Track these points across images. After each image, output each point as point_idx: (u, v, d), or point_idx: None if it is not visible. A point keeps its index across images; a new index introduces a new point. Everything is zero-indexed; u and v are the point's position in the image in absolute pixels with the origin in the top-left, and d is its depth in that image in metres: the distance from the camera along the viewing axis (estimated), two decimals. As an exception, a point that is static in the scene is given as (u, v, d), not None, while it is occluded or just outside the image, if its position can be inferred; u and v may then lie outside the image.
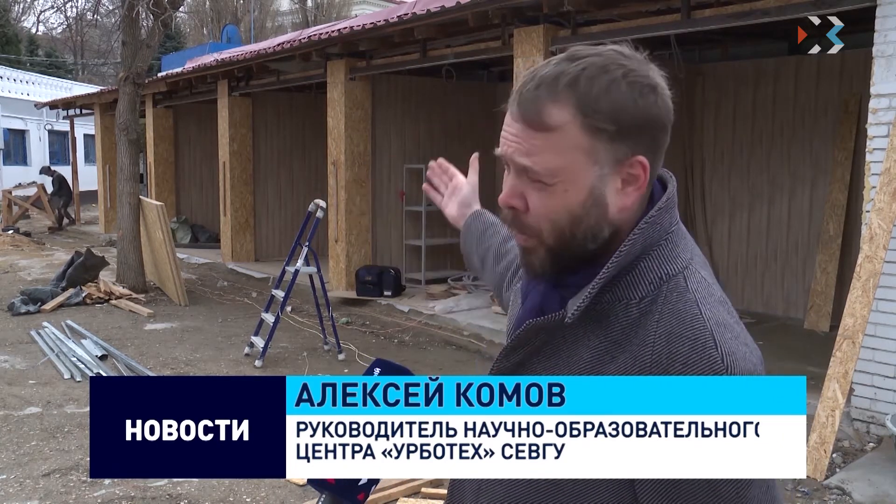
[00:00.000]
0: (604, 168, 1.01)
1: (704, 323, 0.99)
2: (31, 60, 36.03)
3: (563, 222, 1.03)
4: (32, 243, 15.64)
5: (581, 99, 0.99)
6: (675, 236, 1.06)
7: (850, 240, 7.37)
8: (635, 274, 1.03)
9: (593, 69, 1.00)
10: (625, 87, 0.99)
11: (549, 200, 1.03)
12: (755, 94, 8.41)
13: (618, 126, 0.99)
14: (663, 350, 0.98)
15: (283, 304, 6.94)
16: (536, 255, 1.07)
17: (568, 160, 1.00)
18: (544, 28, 6.97)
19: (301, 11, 34.74)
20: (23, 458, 4.71)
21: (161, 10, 9.83)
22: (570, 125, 0.99)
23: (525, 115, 1.01)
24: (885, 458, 4.55)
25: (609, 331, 1.03)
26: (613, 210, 1.04)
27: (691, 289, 1.03)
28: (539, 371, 1.09)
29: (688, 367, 0.96)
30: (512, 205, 1.05)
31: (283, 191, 13.05)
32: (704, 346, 0.97)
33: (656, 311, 1.01)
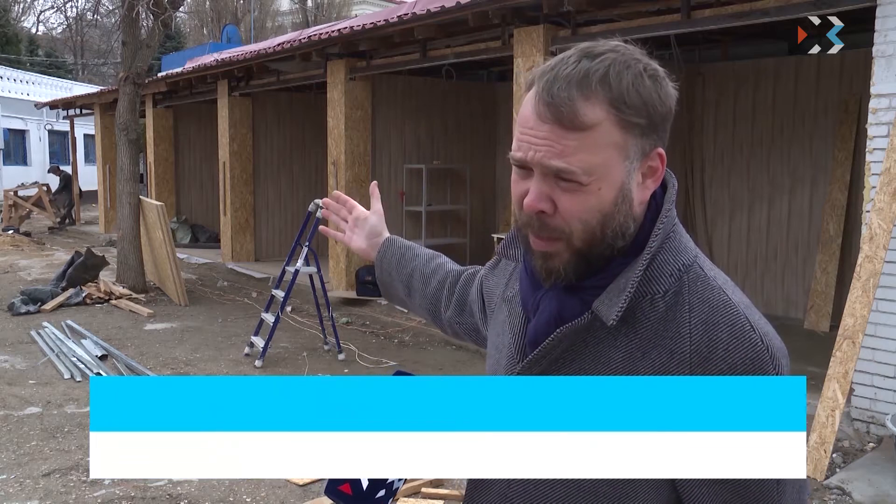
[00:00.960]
0: (633, 162, 1.02)
1: (736, 308, 1.01)
2: (31, 60, 36.03)
3: (594, 222, 1.01)
4: (32, 243, 15.64)
5: (614, 95, 0.98)
6: (679, 229, 1.07)
7: (850, 240, 7.37)
8: (654, 268, 1.03)
9: (618, 65, 0.99)
10: (648, 81, 1.00)
11: (582, 200, 1.01)
12: (755, 94, 8.41)
13: (648, 119, 1.00)
14: (702, 339, 0.99)
15: (283, 304, 6.94)
16: (560, 258, 1.04)
17: (604, 157, 0.99)
18: (544, 28, 6.97)
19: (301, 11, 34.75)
20: (23, 458, 4.71)
21: (161, 10, 9.83)
22: (605, 122, 0.98)
23: (558, 116, 0.98)
24: (885, 458, 4.55)
25: (637, 328, 1.02)
26: (636, 205, 1.04)
27: (710, 276, 1.04)
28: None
29: (730, 353, 0.97)
30: (541, 209, 1.02)
31: (283, 191, 13.06)
32: (742, 329, 0.99)
33: (685, 301, 1.01)
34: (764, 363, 0.98)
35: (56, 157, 28.35)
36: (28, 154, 27.85)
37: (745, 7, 5.85)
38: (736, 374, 0.97)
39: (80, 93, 21.21)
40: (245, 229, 12.56)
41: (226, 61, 11.61)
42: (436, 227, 10.43)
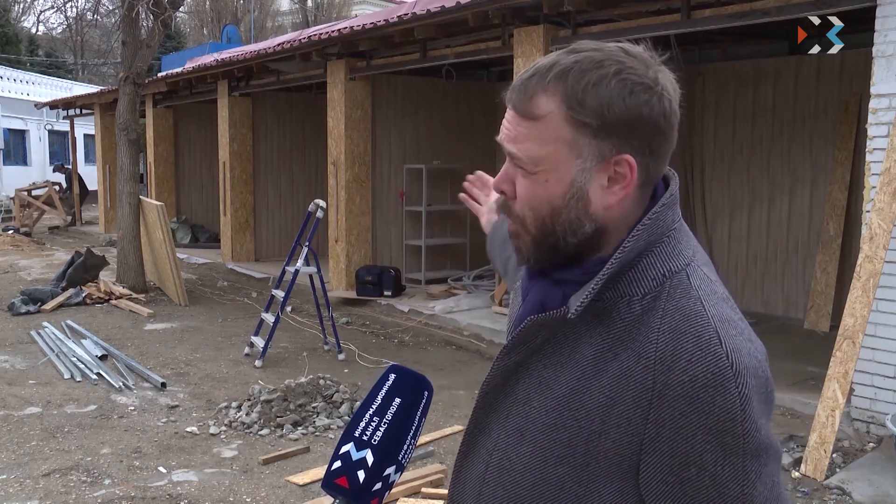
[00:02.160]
0: (587, 162, 1.02)
1: (708, 320, 0.99)
2: (31, 60, 36.03)
3: (543, 212, 1.04)
4: (32, 243, 15.64)
5: (567, 91, 1.00)
6: (678, 234, 1.06)
7: (850, 240, 7.36)
8: (638, 270, 1.03)
9: (587, 63, 1.00)
10: (614, 84, 0.99)
11: (532, 189, 1.05)
12: (755, 94, 8.41)
13: (601, 122, 0.99)
14: (668, 346, 0.98)
15: (283, 304, 6.93)
16: (523, 240, 1.09)
17: (550, 150, 1.02)
18: (544, 28, 6.97)
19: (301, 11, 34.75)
20: (23, 458, 4.71)
21: (161, 10, 9.83)
22: (554, 115, 1.01)
23: (515, 103, 1.04)
24: (885, 458, 4.55)
25: (611, 328, 1.02)
26: (597, 207, 1.03)
27: (694, 286, 1.03)
28: (540, 369, 1.08)
29: (692, 364, 0.96)
30: (501, 189, 1.08)
31: (283, 191, 13.06)
32: (709, 342, 0.97)
33: (660, 307, 1.01)
34: (726, 379, 0.95)
35: (56, 157, 28.33)
36: (28, 154, 27.83)
37: (745, 7, 5.85)
38: (696, 387, 0.95)
39: (80, 93, 21.21)
40: (245, 229, 12.56)
41: (226, 61, 11.61)
42: (436, 227, 10.43)
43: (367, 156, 9.88)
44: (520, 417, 1.09)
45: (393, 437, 1.08)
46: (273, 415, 5.27)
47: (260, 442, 4.99)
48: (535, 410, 1.07)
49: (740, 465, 0.96)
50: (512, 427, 1.10)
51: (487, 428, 1.15)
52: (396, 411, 1.10)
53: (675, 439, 0.97)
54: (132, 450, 4.84)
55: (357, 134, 9.74)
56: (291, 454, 4.75)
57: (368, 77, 9.72)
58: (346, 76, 9.54)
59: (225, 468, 4.58)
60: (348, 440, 1.09)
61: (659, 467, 0.99)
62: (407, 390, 1.12)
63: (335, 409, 5.41)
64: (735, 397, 0.95)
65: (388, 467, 1.08)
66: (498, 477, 1.11)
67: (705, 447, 0.96)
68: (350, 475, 1.06)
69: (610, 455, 1.01)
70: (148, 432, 5.15)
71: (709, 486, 0.97)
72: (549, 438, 1.05)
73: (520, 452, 1.08)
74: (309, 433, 5.10)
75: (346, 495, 1.07)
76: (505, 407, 1.12)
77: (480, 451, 1.15)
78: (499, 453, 1.12)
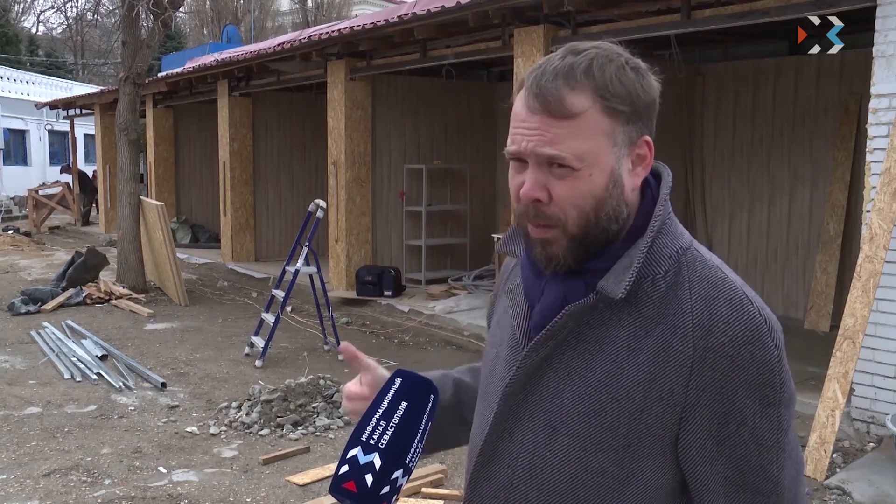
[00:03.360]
0: (621, 149, 1.07)
1: (734, 284, 1.07)
2: (31, 60, 36.02)
3: (587, 207, 1.06)
4: (32, 243, 15.64)
5: (598, 84, 1.04)
6: (674, 217, 1.13)
7: (850, 240, 7.36)
8: (654, 251, 1.08)
9: (601, 58, 1.06)
10: (630, 72, 1.06)
11: (574, 186, 1.06)
12: (755, 94, 8.41)
13: (632, 107, 1.06)
14: (703, 313, 1.04)
15: (284, 304, 6.94)
16: (558, 245, 1.09)
17: (593, 143, 1.05)
18: (544, 28, 6.97)
19: (301, 11, 34.74)
20: (23, 458, 4.71)
21: (161, 10, 9.83)
22: (591, 109, 1.04)
23: (546, 106, 1.05)
24: (885, 458, 4.55)
25: (640, 307, 1.07)
26: (628, 190, 1.09)
27: (707, 257, 1.10)
28: (566, 361, 1.10)
29: (730, 325, 1.03)
30: (537, 197, 1.07)
31: (283, 191, 13.06)
32: (742, 303, 1.05)
33: (685, 280, 1.07)
34: (763, 335, 1.03)
35: (56, 156, 28.34)
36: (28, 154, 27.83)
37: (745, 7, 5.84)
38: (736, 345, 1.02)
39: (80, 93, 21.21)
40: (245, 229, 12.56)
41: (226, 61, 11.61)
42: (436, 227, 10.42)
43: (367, 156, 9.88)
44: (549, 412, 1.10)
45: (400, 440, 1.08)
46: (273, 415, 5.27)
47: (260, 442, 4.99)
48: (569, 401, 1.09)
49: (776, 414, 1.04)
50: (540, 424, 1.11)
51: (508, 431, 1.14)
52: (403, 415, 1.10)
53: (715, 400, 1.03)
54: (132, 450, 4.84)
55: (357, 134, 9.74)
56: (291, 454, 4.75)
57: (368, 77, 9.72)
58: (346, 76, 9.54)
59: (225, 468, 4.58)
60: (355, 444, 1.09)
61: (698, 432, 1.04)
62: (413, 394, 1.12)
63: (335, 409, 5.41)
64: (773, 350, 1.03)
65: (395, 471, 1.08)
66: (530, 478, 1.11)
67: (745, 402, 1.02)
68: (358, 479, 1.07)
69: (653, 430, 1.05)
70: (148, 432, 5.15)
71: (747, 440, 1.03)
72: (588, 426, 1.07)
73: (554, 448, 1.09)
74: (309, 433, 5.10)
75: (354, 499, 1.07)
76: (528, 407, 1.12)
77: (503, 456, 1.14)
78: (526, 454, 1.12)
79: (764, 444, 1.03)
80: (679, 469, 1.07)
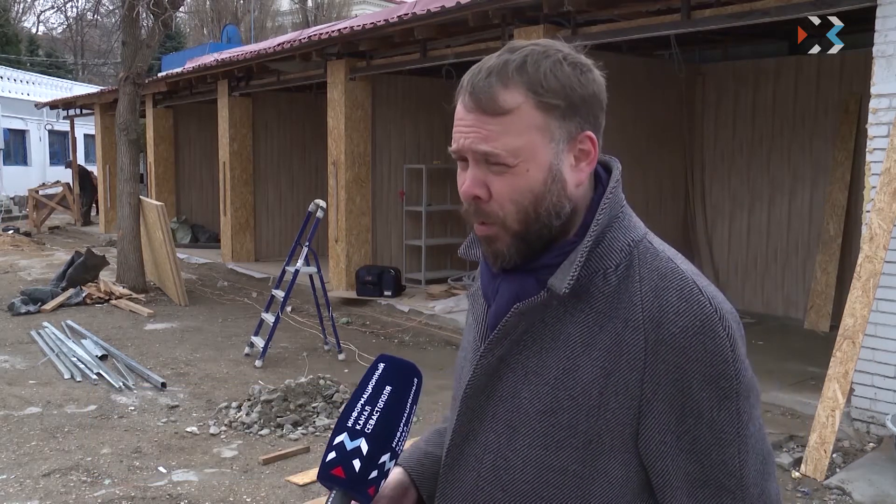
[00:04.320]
0: (559, 144, 1.06)
1: (684, 275, 1.06)
2: (31, 60, 36.02)
3: (526, 202, 1.06)
4: (32, 243, 15.64)
5: (531, 80, 1.04)
6: (627, 210, 1.12)
7: (850, 240, 7.36)
8: (605, 245, 1.07)
9: (535, 55, 1.06)
10: (567, 67, 1.05)
11: (512, 182, 1.06)
12: (755, 94, 8.41)
13: (568, 102, 1.05)
14: (653, 305, 1.03)
15: (283, 304, 6.93)
16: (501, 241, 1.09)
17: (526, 139, 1.05)
18: (544, 28, 6.97)
19: (301, 11, 34.73)
20: (23, 458, 4.71)
21: (161, 10, 9.83)
22: (524, 105, 1.04)
23: (479, 103, 1.06)
24: (885, 458, 4.55)
25: (592, 302, 1.06)
26: (571, 186, 1.08)
27: (659, 249, 1.09)
28: (523, 361, 1.09)
29: (680, 315, 1.02)
30: (475, 194, 1.08)
31: (283, 191, 13.05)
32: (691, 293, 1.04)
33: (635, 273, 1.06)
34: (713, 324, 1.02)
35: (56, 157, 28.34)
36: (28, 154, 27.83)
37: (745, 7, 5.85)
38: (687, 336, 1.01)
39: (80, 93, 21.22)
40: (245, 229, 12.56)
41: (226, 61, 11.61)
42: (436, 227, 10.42)
43: (367, 156, 9.88)
44: (509, 413, 1.10)
45: (386, 424, 1.08)
46: (273, 415, 5.27)
47: (260, 442, 4.99)
48: (527, 401, 1.08)
49: (734, 406, 1.02)
50: (502, 425, 1.10)
51: (472, 434, 1.14)
52: (388, 399, 1.10)
53: (671, 394, 1.02)
54: (132, 450, 4.84)
55: (357, 134, 9.74)
56: (291, 454, 4.75)
57: (368, 77, 9.72)
58: (346, 76, 9.54)
59: (225, 468, 4.58)
60: (341, 431, 1.09)
61: (656, 427, 1.03)
62: (397, 378, 1.13)
63: (335, 409, 5.41)
64: (724, 340, 1.02)
65: (382, 455, 1.08)
66: (494, 479, 1.11)
67: (701, 394, 1.01)
68: (345, 465, 1.07)
69: (612, 426, 1.04)
70: (148, 432, 5.15)
71: (706, 434, 1.02)
72: (547, 424, 1.07)
73: (515, 447, 1.09)
74: (309, 433, 5.10)
75: (342, 485, 1.07)
76: (489, 408, 1.12)
77: (468, 459, 1.15)
78: (490, 455, 1.12)
79: (724, 437, 1.02)
80: (643, 465, 1.06)
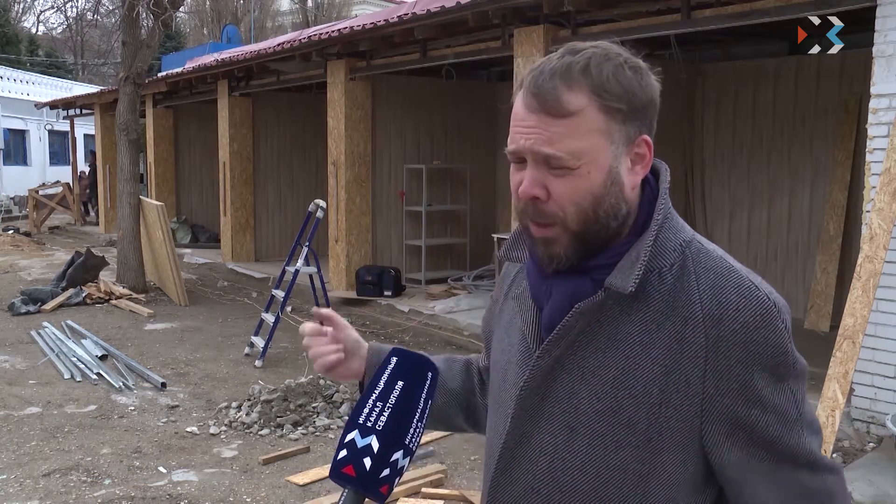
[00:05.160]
0: (619, 147, 1.07)
1: (739, 272, 1.08)
2: (31, 60, 36.01)
3: (586, 204, 1.07)
4: (32, 243, 15.64)
5: (595, 83, 1.05)
6: (674, 212, 1.14)
7: (850, 240, 7.36)
8: (658, 245, 1.09)
9: (598, 57, 1.07)
10: (629, 71, 1.06)
11: (573, 184, 1.07)
12: (755, 94, 8.41)
13: (629, 106, 1.06)
14: (712, 302, 1.05)
15: (284, 304, 6.93)
16: (559, 243, 1.09)
17: (589, 142, 1.06)
18: (544, 28, 6.97)
19: (301, 11, 34.73)
20: (23, 458, 4.71)
21: (161, 10, 9.83)
22: (588, 108, 1.05)
23: (544, 105, 1.06)
24: (885, 458, 4.55)
25: (649, 302, 1.07)
26: (627, 188, 1.09)
27: (710, 248, 1.11)
28: (579, 361, 1.10)
29: (740, 312, 1.04)
30: (535, 195, 1.08)
31: (283, 191, 13.05)
32: (749, 290, 1.06)
33: (691, 272, 1.08)
34: (773, 317, 1.05)
35: (56, 157, 28.33)
36: (28, 154, 27.81)
37: (745, 7, 5.84)
38: (748, 331, 1.03)
39: (80, 93, 21.20)
40: (245, 229, 12.56)
41: (226, 61, 11.61)
42: (436, 227, 10.42)
43: (367, 156, 9.87)
44: (566, 413, 1.10)
45: (398, 421, 1.07)
46: (273, 415, 5.27)
47: (260, 442, 4.98)
48: (585, 401, 1.09)
49: (790, 389, 1.06)
50: (558, 426, 1.11)
51: (526, 436, 1.14)
52: (400, 395, 1.08)
53: (734, 388, 1.04)
54: (132, 450, 4.84)
55: (357, 134, 9.74)
56: (291, 454, 4.75)
57: (368, 77, 9.72)
58: (346, 76, 9.54)
59: (225, 468, 4.58)
60: (353, 428, 1.07)
61: (723, 422, 1.05)
62: (409, 373, 1.11)
63: (335, 409, 5.41)
64: (783, 331, 1.06)
65: (395, 452, 1.06)
66: (551, 481, 1.11)
67: (763, 385, 1.04)
68: (356, 463, 1.05)
69: (672, 424, 1.05)
70: (148, 432, 5.15)
71: (772, 420, 1.05)
72: (606, 424, 1.07)
73: (574, 449, 1.09)
74: (309, 433, 5.10)
75: (354, 484, 1.05)
76: (544, 409, 1.12)
77: (522, 461, 1.14)
78: (546, 458, 1.11)
79: (788, 419, 1.05)
80: (701, 461, 1.08)
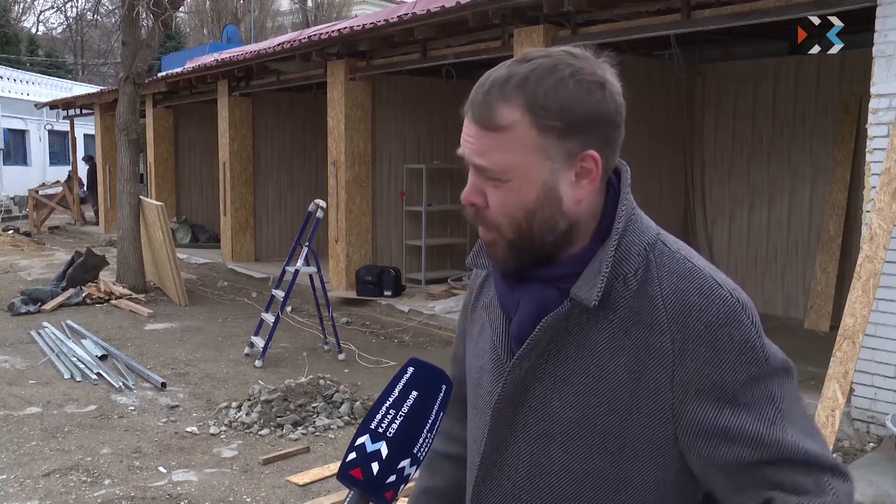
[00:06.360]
0: (556, 163, 1.05)
1: (702, 271, 1.07)
2: (31, 60, 36.01)
3: (519, 216, 1.07)
4: (32, 243, 15.64)
5: (529, 99, 1.03)
6: (638, 211, 1.13)
7: (850, 240, 7.36)
8: (622, 250, 1.08)
9: (541, 70, 1.04)
10: (572, 86, 1.03)
11: (504, 196, 1.07)
12: (755, 94, 8.41)
13: (566, 122, 1.03)
14: (675, 306, 1.04)
15: (283, 304, 6.93)
16: (499, 247, 1.11)
17: (519, 158, 1.05)
18: (544, 28, 6.97)
19: (301, 11, 34.74)
20: (23, 458, 4.71)
21: (161, 10, 9.83)
22: (519, 124, 1.04)
23: (478, 117, 1.05)
24: (885, 458, 4.55)
25: (615, 308, 1.07)
26: (569, 203, 1.07)
27: (674, 249, 1.10)
28: (550, 370, 1.10)
29: (703, 312, 1.03)
30: (472, 201, 1.10)
31: (283, 191, 13.05)
32: (711, 289, 1.05)
33: (654, 276, 1.06)
34: (736, 314, 1.03)
35: (56, 157, 28.33)
36: (28, 154, 27.82)
37: (745, 7, 5.84)
38: (712, 331, 1.01)
39: (80, 93, 21.20)
40: (245, 229, 12.56)
41: (226, 61, 11.61)
42: (436, 227, 10.42)
43: (367, 156, 9.88)
44: (541, 422, 1.11)
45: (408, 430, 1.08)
46: (273, 415, 5.27)
47: (260, 442, 4.99)
48: (559, 410, 1.09)
49: (766, 388, 1.03)
50: (534, 434, 1.12)
51: (504, 444, 1.15)
52: (413, 404, 1.10)
53: (703, 389, 1.02)
54: (132, 450, 4.84)
55: (357, 134, 9.74)
56: (291, 454, 4.75)
57: (368, 77, 9.72)
58: (346, 76, 9.54)
59: (225, 468, 4.58)
60: (364, 432, 1.09)
61: (696, 425, 1.03)
62: (424, 384, 1.13)
63: (335, 409, 5.41)
64: (749, 327, 1.03)
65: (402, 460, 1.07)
66: (531, 487, 1.12)
67: (734, 384, 1.02)
68: (364, 467, 1.07)
69: (645, 429, 1.05)
70: (148, 432, 5.15)
71: (747, 420, 1.02)
72: (580, 431, 1.08)
73: (550, 455, 1.10)
74: (309, 433, 5.10)
75: (360, 487, 1.07)
76: (520, 418, 1.13)
77: (502, 468, 1.16)
78: (525, 464, 1.13)
79: (765, 417, 1.02)
80: (679, 464, 1.07)
